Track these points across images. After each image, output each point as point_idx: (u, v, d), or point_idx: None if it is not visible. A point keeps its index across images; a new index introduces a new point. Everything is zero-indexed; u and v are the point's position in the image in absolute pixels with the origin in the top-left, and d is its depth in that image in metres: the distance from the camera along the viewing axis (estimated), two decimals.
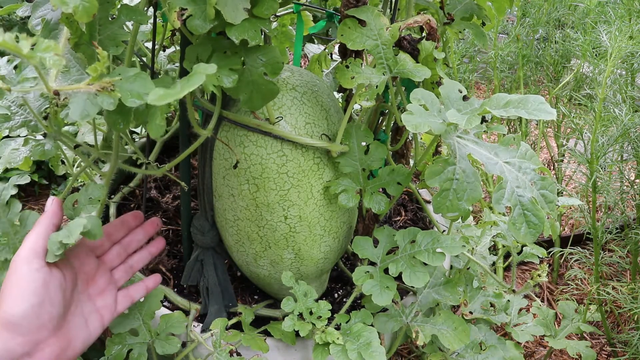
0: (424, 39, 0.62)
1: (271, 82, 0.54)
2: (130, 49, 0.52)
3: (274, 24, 1.04)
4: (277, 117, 0.63)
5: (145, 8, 0.68)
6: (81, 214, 0.57)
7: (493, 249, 1.43)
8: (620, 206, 1.29)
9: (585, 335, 1.33)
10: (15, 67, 0.69)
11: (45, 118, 0.68)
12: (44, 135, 0.72)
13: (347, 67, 0.60)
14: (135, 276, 0.71)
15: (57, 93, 0.39)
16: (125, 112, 0.44)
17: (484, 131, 0.58)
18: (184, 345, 0.69)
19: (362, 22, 0.60)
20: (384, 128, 0.79)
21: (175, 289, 0.80)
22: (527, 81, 1.72)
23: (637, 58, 1.27)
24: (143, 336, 0.66)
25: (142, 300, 0.67)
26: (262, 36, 0.50)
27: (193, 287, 0.81)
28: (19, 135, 0.77)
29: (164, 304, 0.75)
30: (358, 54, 0.64)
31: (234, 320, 0.73)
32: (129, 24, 0.81)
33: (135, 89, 0.40)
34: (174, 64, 1.09)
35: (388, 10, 0.78)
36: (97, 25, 0.45)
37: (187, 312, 0.75)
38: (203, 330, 0.72)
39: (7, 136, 0.77)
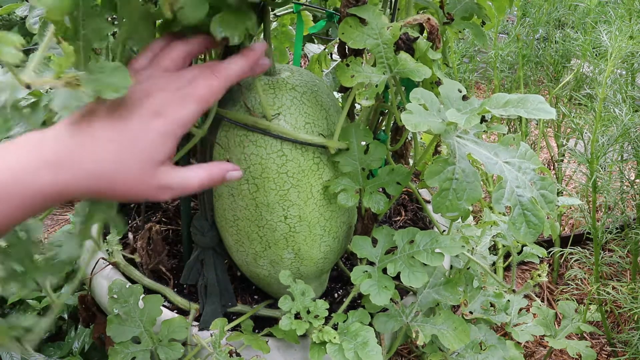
0: (425, 39, 0.62)
1: None
2: (118, 43, 0.52)
3: (274, 24, 1.04)
4: (274, 114, 0.63)
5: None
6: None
7: (493, 249, 1.43)
8: (620, 206, 1.29)
9: (585, 335, 1.34)
10: None
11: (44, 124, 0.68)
12: None
13: (348, 65, 0.60)
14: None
15: (28, 86, 0.39)
16: None
17: (484, 131, 0.58)
18: (183, 344, 0.69)
19: (363, 21, 0.60)
20: (383, 128, 0.79)
21: (175, 289, 0.80)
22: (527, 81, 1.72)
23: (637, 58, 1.27)
24: (145, 343, 0.66)
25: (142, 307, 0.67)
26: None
27: (193, 287, 0.81)
28: None
29: (164, 303, 0.75)
30: (358, 53, 0.64)
31: (235, 322, 0.73)
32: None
33: (113, 82, 0.40)
34: None
35: (388, 10, 0.78)
36: (81, 19, 0.45)
37: (186, 312, 0.75)
38: (200, 329, 0.72)
39: (8, 137, 0.78)
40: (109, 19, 0.47)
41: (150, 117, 0.43)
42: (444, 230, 0.84)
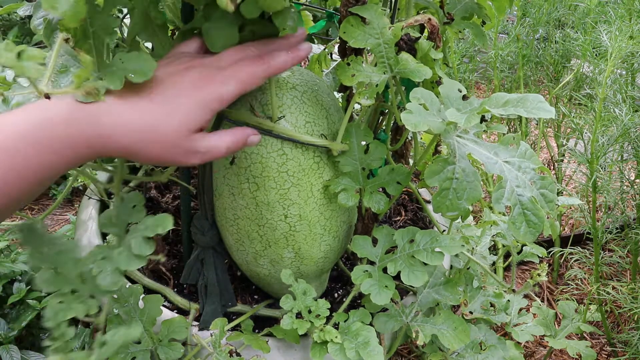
0: (425, 39, 0.62)
1: None
2: (132, 33, 0.53)
3: None
4: (280, 117, 0.63)
5: None
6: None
7: (493, 249, 1.43)
8: (620, 206, 1.29)
9: (585, 335, 1.34)
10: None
11: None
12: None
13: (348, 64, 0.60)
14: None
15: (47, 96, 0.40)
16: None
17: (484, 131, 0.58)
18: (183, 344, 0.69)
19: (364, 21, 0.60)
20: (383, 127, 0.79)
21: (175, 289, 0.80)
22: (527, 81, 1.72)
23: (638, 58, 1.27)
24: (145, 343, 0.66)
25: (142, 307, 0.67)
26: None
27: (193, 287, 0.81)
28: None
29: (164, 303, 0.75)
30: (358, 53, 0.64)
31: (235, 322, 0.73)
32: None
33: (140, 67, 0.43)
34: None
35: (388, 10, 0.78)
36: (88, 17, 0.46)
37: (186, 312, 0.75)
38: (200, 329, 0.72)
39: None
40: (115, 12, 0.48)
41: (190, 88, 0.46)
42: (444, 230, 0.84)
